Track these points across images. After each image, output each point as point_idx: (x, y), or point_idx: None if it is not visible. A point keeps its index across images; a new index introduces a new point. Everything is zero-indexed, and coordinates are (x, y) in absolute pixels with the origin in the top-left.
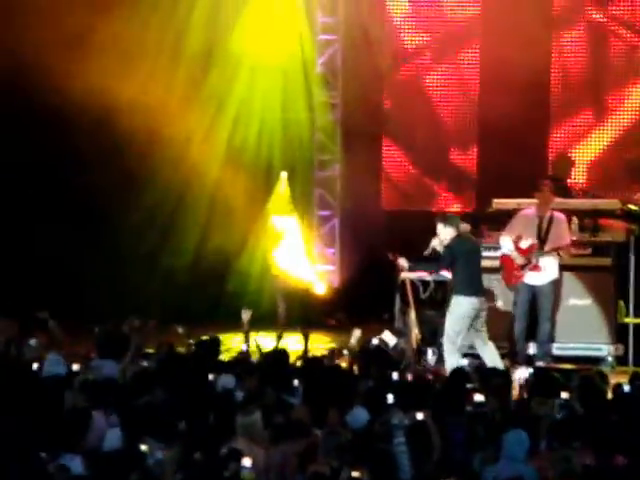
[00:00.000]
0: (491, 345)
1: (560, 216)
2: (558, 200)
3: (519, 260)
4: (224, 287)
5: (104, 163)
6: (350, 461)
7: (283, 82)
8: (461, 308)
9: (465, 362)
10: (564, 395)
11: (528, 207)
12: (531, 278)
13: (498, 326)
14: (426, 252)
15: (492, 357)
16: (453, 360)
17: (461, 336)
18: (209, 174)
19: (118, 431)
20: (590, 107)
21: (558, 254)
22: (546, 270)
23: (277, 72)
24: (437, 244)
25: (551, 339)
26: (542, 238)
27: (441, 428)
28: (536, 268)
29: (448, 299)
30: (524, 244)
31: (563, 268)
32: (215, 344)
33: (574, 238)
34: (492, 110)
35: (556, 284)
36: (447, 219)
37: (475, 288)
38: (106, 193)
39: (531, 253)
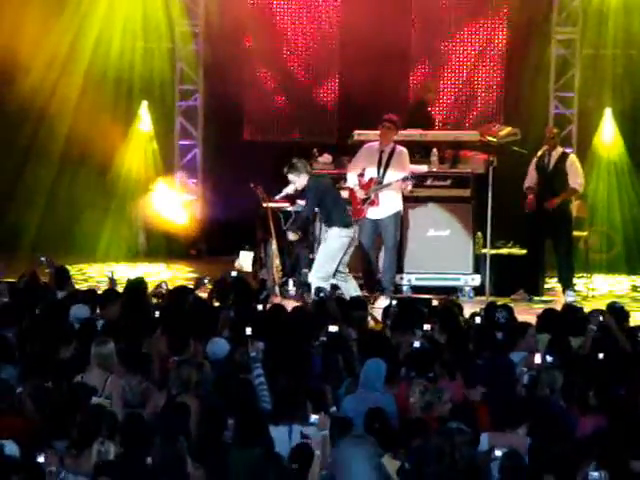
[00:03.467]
0: (350, 276)
1: (401, 149)
2: (417, 132)
3: (360, 194)
4: (82, 218)
5: None
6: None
7: (143, 10)
8: (338, 240)
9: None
10: (426, 326)
11: (373, 141)
12: (371, 213)
13: (355, 258)
14: (278, 197)
15: (351, 288)
16: (324, 285)
17: (334, 266)
18: (68, 103)
19: None
20: (449, 38)
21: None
22: (384, 204)
23: (137, 0)
24: (290, 191)
25: (392, 270)
26: (382, 171)
27: (299, 358)
28: (374, 203)
29: (309, 231)
30: (365, 178)
31: (422, 200)
32: (63, 272)
33: (434, 169)
34: (353, 42)
35: (397, 217)
36: (296, 166)
37: (347, 219)
38: None
39: (370, 188)
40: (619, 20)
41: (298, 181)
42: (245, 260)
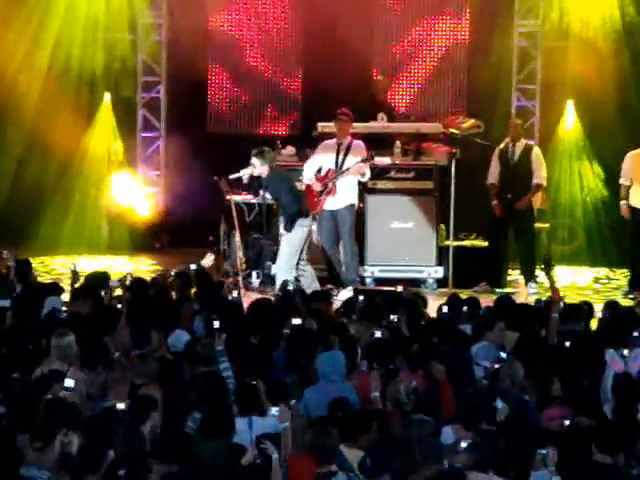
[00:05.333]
0: (310, 268)
1: (358, 142)
2: (380, 124)
3: (317, 187)
4: (44, 210)
5: None
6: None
7: (106, 2)
8: (299, 230)
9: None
10: (392, 316)
11: (334, 136)
12: (329, 203)
13: (317, 250)
14: (231, 176)
15: (310, 280)
16: (289, 278)
17: (297, 258)
18: (30, 94)
19: None
20: (412, 30)
21: (360, 180)
22: (341, 195)
23: None
24: (246, 175)
25: (355, 262)
26: (339, 164)
27: (265, 350)
28: (332, 192)
29: (272, 223)
30: (322, 173)
31: (385, 192)
32: (25, 264)
33: (397, 161)
34: (316, 35)
35: (353, 208)
36: (264, 155)
37: (303, 210)
38: None
39: (327, 179)
40: (580, 12)
41: (259, 169)
42: (208, 261)
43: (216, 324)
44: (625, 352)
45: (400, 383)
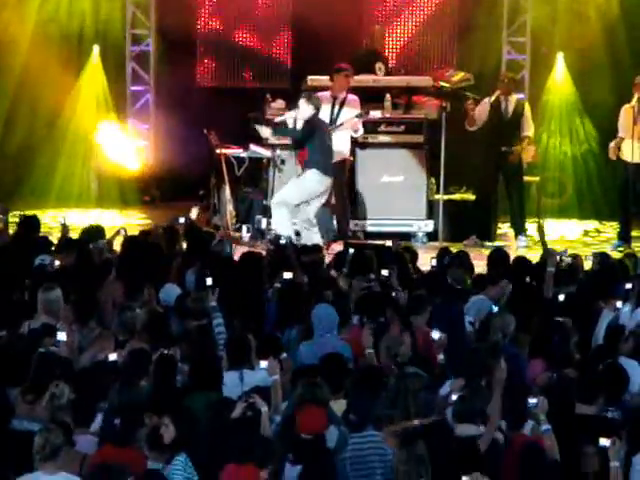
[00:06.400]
0: (316, 228)
1: (353, 97)
2: (370, 77)
3: None
4: (33, 165)
5: None
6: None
7: None
8: (312, 183)
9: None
10: (383, 271)
11: (325, 88)
12: None
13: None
14: (277, 119)
15: (313, 237)
16: (285, 228)
17: (296, 202)
18: (17, 49)
19: None
20: None
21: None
22: (334, 148)
23: None
24: (291, 118)
25: (346, 216)
26: (334, 118)
27: (253, 304)
28: None
29: (262, 177)
30: None
31: (376, 146)
32: (35, 222)
33: (387, 115)
34: None
35: (344, 163)
36: (312, 98)
37: (329, 168)
38: None
39: None
40: None
41: (304, 110)
42: (194, 214)
43: (209, 281)
44: (618, 304)
45: (392, 336)
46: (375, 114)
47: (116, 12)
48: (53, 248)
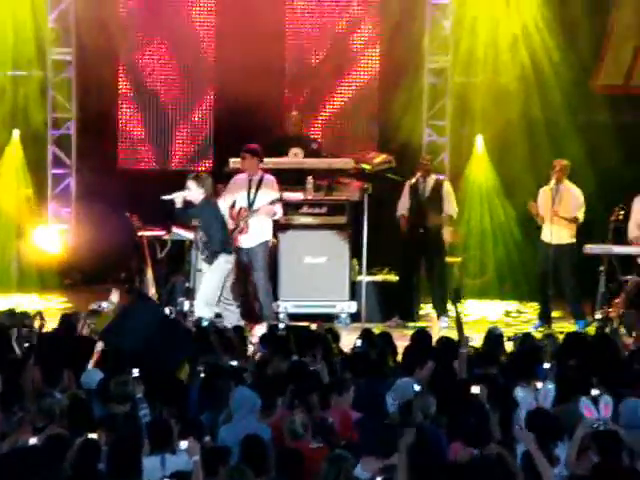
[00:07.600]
0: (234, 304)
1: (269, 177)
2: (291, 160)
3: (230, 225)
4: None
5: None
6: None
7: (14, 38)
8: (225, 265)
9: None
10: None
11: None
12: (242, 241)
13: (234, 286)
14: (164, 197)
15: (233, 316)
16: (207, 311)
17: (218, 293)
18: None
19: None
20: (326, 66)
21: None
22: (254, 233)
23: (6, 27)
24: (179, 198)
25: (269, 298)
26: (251, 200)
27: (178, 387)
28: (243, 231)
29: (184, 259)
30: (236, 209)
31: (298, 227)
32: None
33: (309, 197)
34: (228, 69)
35: (266, 245)
36: (202, 180)
37: (231, 246)
38: None
39: (239, 217)
40: (488, 49)
41: (194, 192)
42: (114, 298)
43: (135, 372)
44: (539, 385)
45: (296, 415)
46: (297, 196)
47: (37, 96)
48: None
